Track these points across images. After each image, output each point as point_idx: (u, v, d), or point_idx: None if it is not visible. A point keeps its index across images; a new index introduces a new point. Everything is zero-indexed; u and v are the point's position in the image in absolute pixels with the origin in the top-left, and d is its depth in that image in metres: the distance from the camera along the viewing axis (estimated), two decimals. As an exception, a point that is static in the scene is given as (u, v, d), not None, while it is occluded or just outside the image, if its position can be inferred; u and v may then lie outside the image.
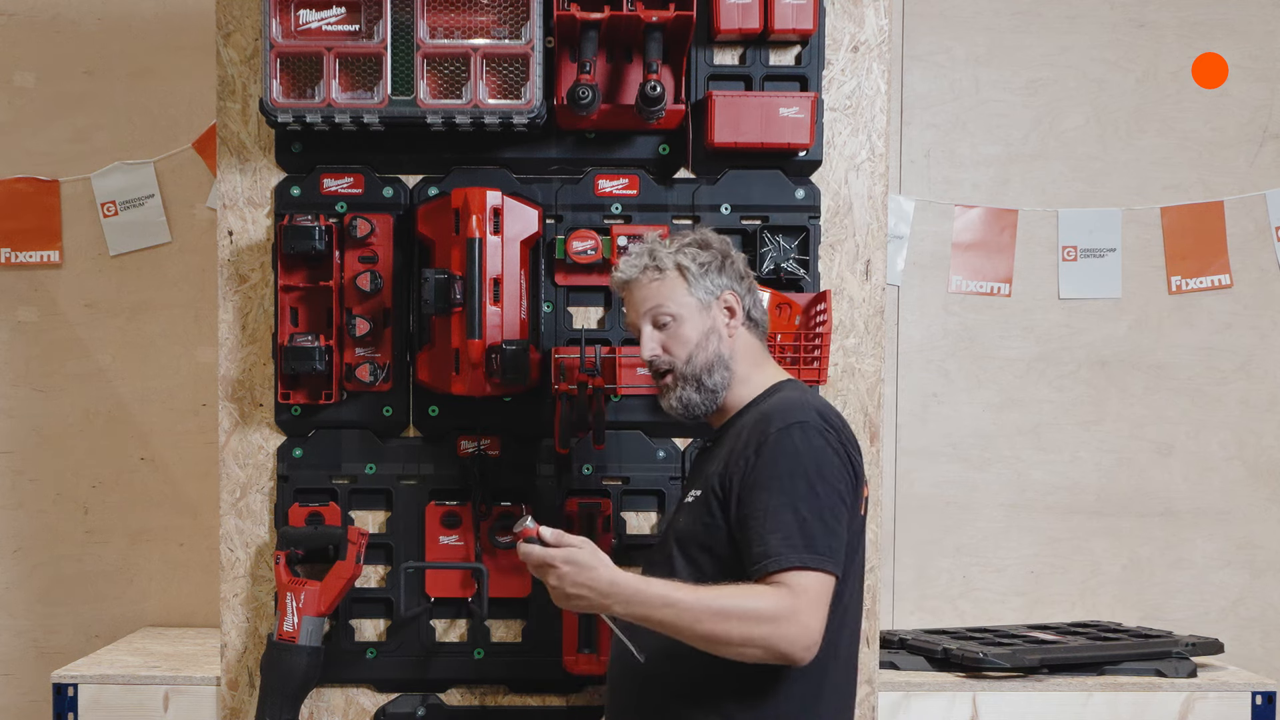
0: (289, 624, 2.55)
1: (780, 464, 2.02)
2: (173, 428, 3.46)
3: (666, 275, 2.19)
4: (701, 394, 2.18)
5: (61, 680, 2.81)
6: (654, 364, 2.20)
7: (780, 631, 1.93)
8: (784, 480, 2.01)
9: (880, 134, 2.67)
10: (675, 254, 2.20)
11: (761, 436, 2.06)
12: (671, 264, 2.19)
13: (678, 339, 2.18)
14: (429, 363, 2.59)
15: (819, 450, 2.04)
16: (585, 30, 2.49)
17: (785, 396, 2.15)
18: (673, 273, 2.19)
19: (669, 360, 2.19)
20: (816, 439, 2.04)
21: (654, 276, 2.20)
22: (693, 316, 2.18)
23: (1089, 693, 2.89)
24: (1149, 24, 3.51)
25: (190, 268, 3.44)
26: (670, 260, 2.20)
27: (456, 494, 2.65)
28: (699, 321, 2.18)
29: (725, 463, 2.10)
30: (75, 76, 3.45)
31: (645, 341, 2.20)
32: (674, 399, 2.19)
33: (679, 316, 2.18)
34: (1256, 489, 3.54)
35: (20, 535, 3.47)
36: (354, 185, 2.64)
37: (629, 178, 2.65)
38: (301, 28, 2.52)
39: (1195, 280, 3.51)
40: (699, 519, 2.11)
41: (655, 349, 2.19)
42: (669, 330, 2.19)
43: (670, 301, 2.19)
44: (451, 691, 2.68)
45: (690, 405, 2.19)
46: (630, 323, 2.26)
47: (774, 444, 2.04)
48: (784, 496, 2.00)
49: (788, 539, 1.97)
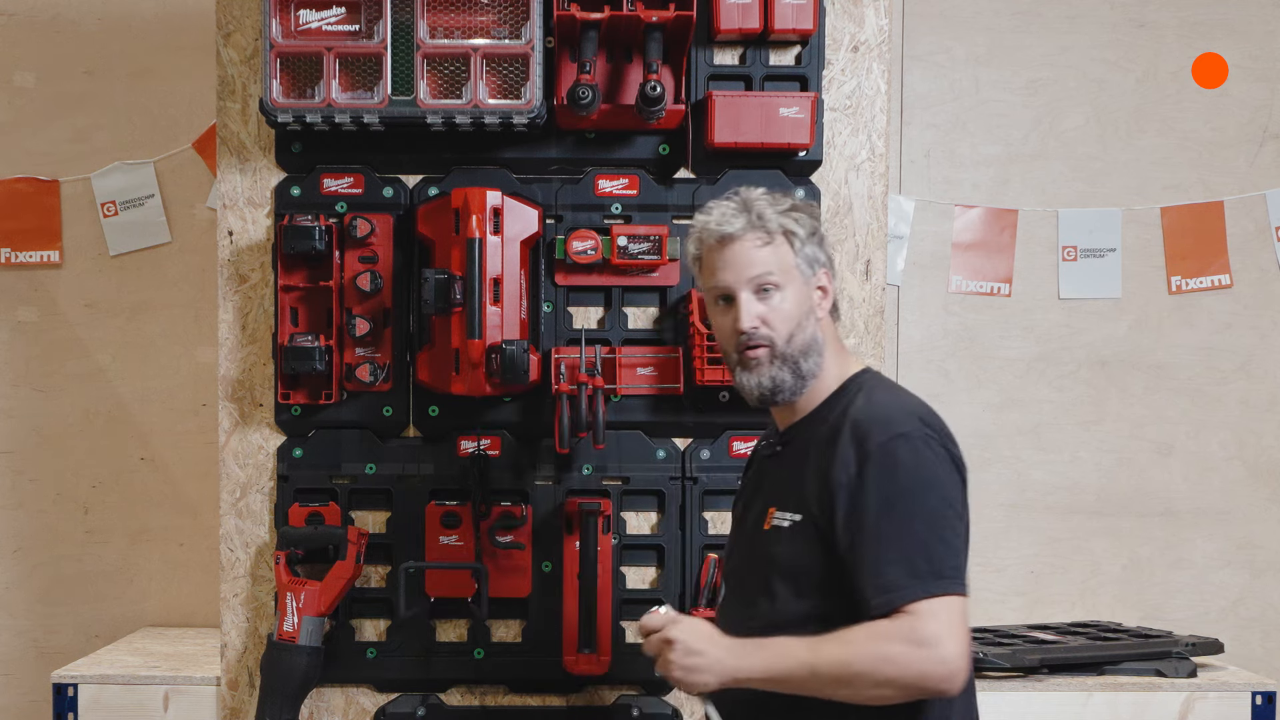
0: (289, 624, 2.55)
1: (890, 484, 1.84)
2: (173, 428, 3.46)
3: (775, 240, 1.96)
4: (795, 379, 1.97)
5: (61, 680, 2.81)
6: (752, 336, 1.95)
7: (915, 669, 1.78)
8: (896, 502, 1.83)
9: (880, 134, 2.67)
10: (782, 216, 1.97)
11: (861, 453, 1.87)
12: (778, 227, 1.96)
13: (779, 313, 1.95)
14: (429, 363, 2.59)
15: (928, 463, 1.86)
16: (585, 30, 2.49)
17: (877, 400, 1.95)
18: (780, 237, 1.97)
19: (769, 334, 1.95)
20: (924, 450, 1.87)
21: (761, 239, 1.96)
22: (796, 289, 1.97)
23: (1089, 693, 2.89)
24: (1149, 24, 3.51)
25: (190, 268, 3.44)
26: (777, 222, 1.96)
27: (456, 494, 2.65)
28: (800, 296, 1.97)
29: (822, 482, 1.90)
30: (75, 76, 3.45)
31: (745, 310, 1.95)
32: (765, 377, 1.96)
33: (784, 287, 1.96)
34: (1256, 489, 3.54)
35: (20, 535, 3.47)
36: (354, 185, 2.64)
37: (629, 178, 2.65)
38: (301, 28, 2.52)
39: (1195, 280, 3.51)
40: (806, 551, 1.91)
41: (755, 320, 1.95)
42: (770, 302, 1.96)
43: (778, 269, 1.95)
44: (451, 691, 2.68)
45: (780, 388, 1.97)
46: (717, 284, 1.99)
47: (879, 462, 1.85)
48: (899, 521, 1.83)
49: (909, 567, 1.81)
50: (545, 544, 2.65)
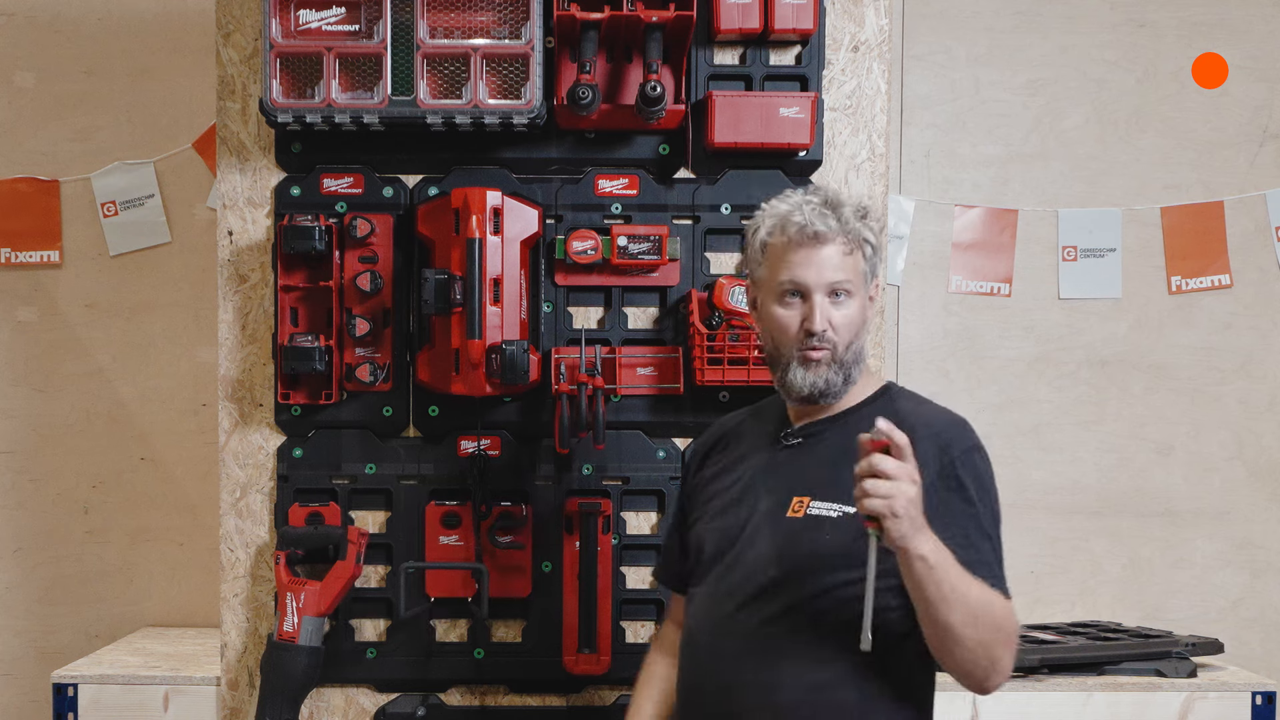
0: (289, 624, 2.55)
1: (974, 491, 1.94)
2: (173, 428, 3.46)
3: (854, 248, 1.98)
4: (844, 384, 2.00)
5: (61, 680, 2.81)
6: (821, 338, 1.96)
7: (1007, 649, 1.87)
8: (979, 508, 1.93)
9: (880, 134, 2.67)
10: (862, 225, 1.98)
11: (946, 458, 1.93)
12: (859, 236, 1.98)
13: (847, 318, 1.97)
14: (429, 363, 2.59)
15: (993, 475, 1.99)
16: (585, 30, 2.49)
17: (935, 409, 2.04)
18: (858, 245, 1.98)
19: (834, 339, 1.97)
20: (989, 463, 1.99)
21: (847, 245, 1.97)
22: (861, 299, 1.99)
23: (1089, 693, 2.89)
24: (1149, 24, 3.51)
25: (190, 268, 3.44)
26: (859, 231, 1.98)
27: (456, 494, 2.65)
28: (862, 304, 2.00)
29: None
30: (75, 76, 3.45)
31: (819, 312, 1.95)
32: (819, 377, 1.97)
33: (855, 295, 1.98)
34: (1256, 489, 3.54)
35: (20, 535, 3.47)
36: (354, 185, 2.64)
37: (629, 178, 2.65)
38: (301, 28, 2.51)
39: (1195, 280, 3.51)
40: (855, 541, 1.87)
41: (826, 324, 1.96)
42: (842, 307, 1.97)
43: (855, 276, 1.97)
44: (451, 691, 2.68)
45: (829, 389, 1.98)
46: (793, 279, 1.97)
47: (964, 468, 1.94)
48: (981, 527, 1.93)
49: (990, 570, 1.89)
50: (545, 544, 2.65)
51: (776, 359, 2.02)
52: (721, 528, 2.06)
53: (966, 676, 1.88)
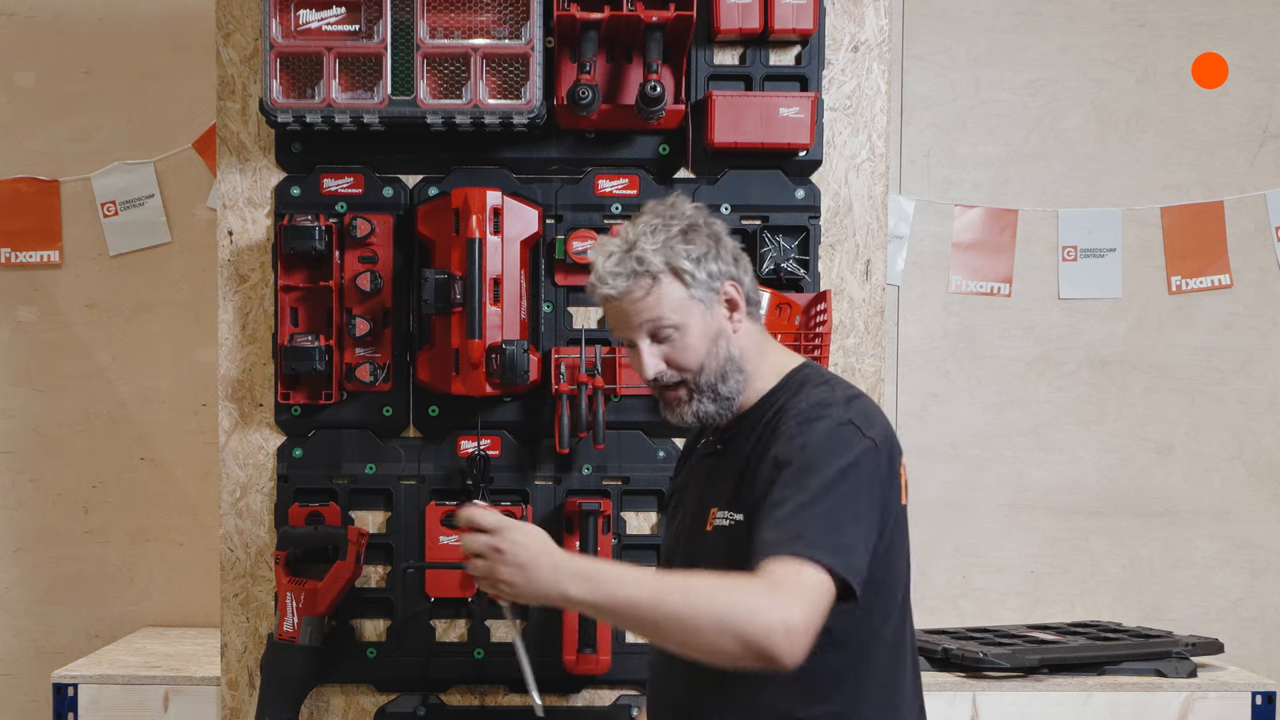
0: (289, 624, 2.55)
1: (801, 455, 1.79)
2: (173, 428, 3.46)
3: (660, 280, 1.89)
4: (718, 404, 1.93)
5: (61, 680, 2.82)
6: (660, 381, 1.93)
7: (756, 623, 1.65)
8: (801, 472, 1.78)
9: (880, 134, 2.67)
10: (664, 252, 1.89)
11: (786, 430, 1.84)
12: (664, 266, 1.89)
13: (684, 350, 1.90)
14: (429, 363, 2.59)
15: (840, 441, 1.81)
16: (585, 30, 2.48)
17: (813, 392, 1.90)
18: (667, 276, 1.89)
19: (677, 375, 1.92)
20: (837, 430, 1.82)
21: (646, 286, 1.89)
22: (696, 322, 1.90)
23: (1089, 693, 2.89)
24: (1149, 24, 3.51)
25: (190, 268, 3.45)
26: (661, 261, 1.88)
27: (456, 494, 2.64)
28: (704, 325, 1.91)
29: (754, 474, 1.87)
30: (75, 76, 3.45)
31: (646, 360, 1.91)
32: (688, 413, 1.94)
33: (682, 326, 1.90)
34: (1256, 489, 3.54)
35: (20, 535, 3.47)
36: (354, 185, 2.64)
37: (629, 178, 2.65)
38: (301, 28, 2.51)
39: (1195, 280, 3.51)
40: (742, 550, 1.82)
41: (659, 366, 1.92)
42: (673, 342, 1.91)
43: (670, 311, 1.89)
44: (451, 691, 2.68)
45: (707, 418, 1.94)
46: (619, 336, 1.97)
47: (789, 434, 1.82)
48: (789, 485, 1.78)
49: (781, 528, 1.74)
50: (492, 530, 2.64)
51: None
52: (668, 543, 2.10)
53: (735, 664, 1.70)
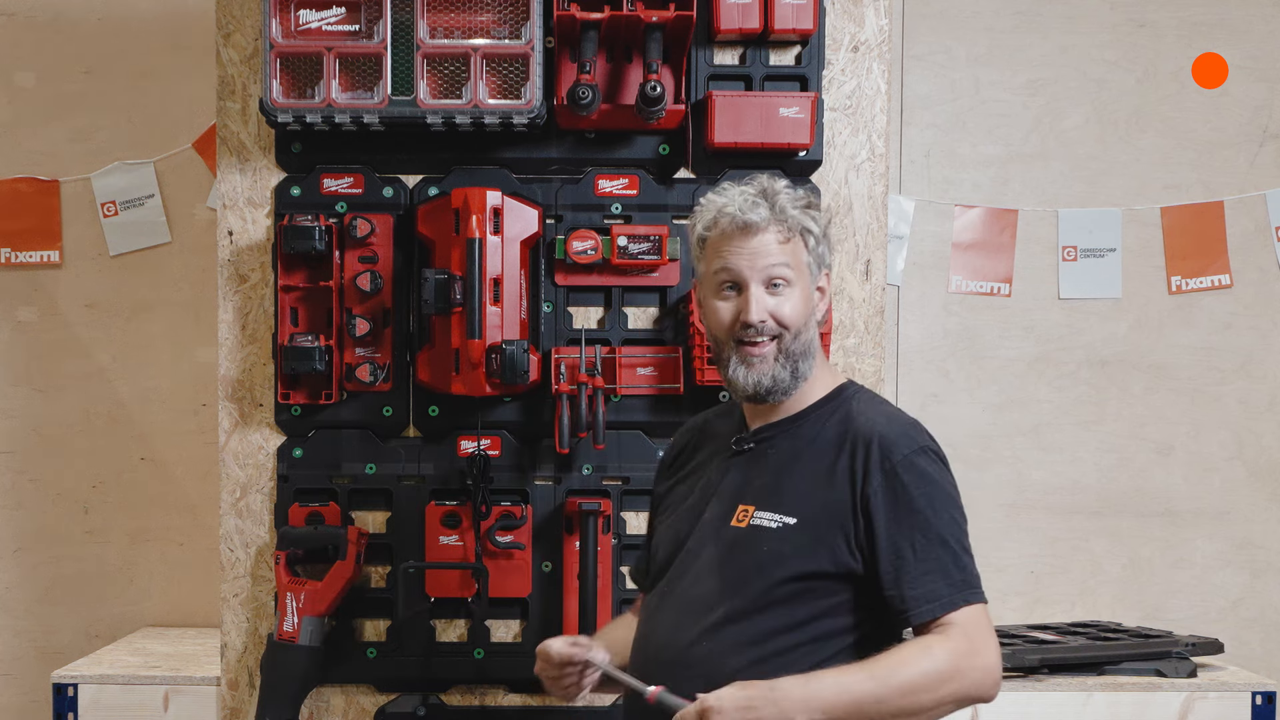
0: (289, 624, 2.55)
1: (923, 498, 1.85)
2: (173, 428, 3.46)
3: (793, 236, 1.91)
4: (793, 379, 1.92)
5: (61, 680, 2.82)
6: (760, 330, 1.90)
7: (969, 680, 1.78)
8: (927, 514, 1.85)
9: (880, 134, 2.67)
10: (801, 213, 1.92)
11: (888, 465, 1.86)
12: (798, 223, 1.92)
13: (788, 310, 1.90)
14: (429, 363, 2.59)
15: (948, 479, 1.90)
16: (585, 30, 2.49)
17: (886, 413, 1.95)
18: (797, 234, 1.92)
19: (776, 329, 1.90)
20: (942, 467, 1.90)
21: (783, 234, 1.90)
22: (804, 288, 1.92)
23: (1089, 693, 2.89)
24: (1149, 24, 3.51)
25: (190, 268, 3.45)
26: (797, 219, 1.92)
27: (456, 494, 2.65)
28: (806, 295, 1.93)
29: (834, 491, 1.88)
30: (75, 76, 3.45)
31: (756, 302, 1.89)
32: (763, 375, 1.91)
33: (794, 284, 1.91)
34: (1256, 489, 3.54)
35: (20, 535, 3.47)
36: (354, 185, 2.64)
37: (629, 178, 2.65)
38: (301, 28, 2.51)
39: (1195, 280, 3.51)
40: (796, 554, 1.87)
41: (765, 314, 1.90)
42: (780, 296, 1.91)
43: (794, 265, 1.91)
44: (451, 691, 2.68)
45: (778, 387, 1.92)
46: (727, 269, 1.92)
47: (908, 475, 1.86)
48: (931, 532, 1.84)
49: (946, 577, 1.83)
50: (545, 544, 2.65)
51: (719, 356, 1.97)
52: (674, 534, 2.04)
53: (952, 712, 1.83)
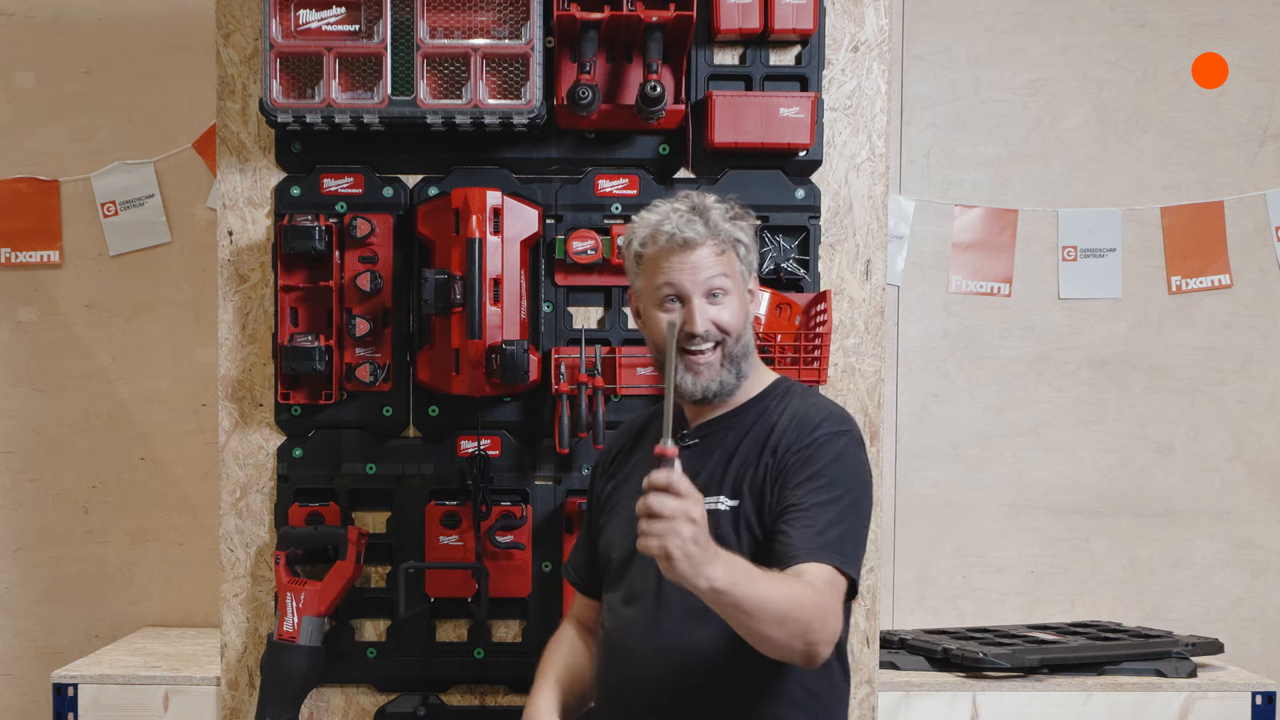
0: (289, 624, 2.55)
1: (832, 468, 1.95)
2: (173, 428, 3.46)
3: (726, 247, 2.03)
4: (737, 380, 2.04)
5: (61, 680, 2.81)
6: (707, 336, 2.01)
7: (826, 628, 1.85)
8: (831, 484, 1.94)
9: (880, 134, 2.67)
10: (732, 225, 2.03)
11: (806, 439, 1.97)
12: (730, 237, 2.03)
13: (730, 312, 2.02)
14: (429, 363, 2.59)
15: (864, 465, 2.00)
16: (585, 30, 2.49)
17: (818, 401, 2.07)
18: (729, 245, 2.03)
19: (719, 334, 2.02)
20: (860, 452, 2.01)
21: (720, 246, 2.01)
22: (739, 295, 2.04)
23: (1089, 693, 2.89)
24: (1149, 24, 3.51)
25: (190, 268, 3.44)
26: (729, 232, 2.03)
27: (456, 494, 2.65)
28: (742, 301, 2.05)
29: (762, 464, 1.99)
30: (75, 76, 3.45)
31: (699, 313, 1.99)
32: (714, 380, 2.03)
33: (732, 293, 2.02)
34: (1256, 489, 3.54)
35: (20, 535, 3.47)
36: (354, 185, 2.64)
37: (629, 178, 2.65)
38: (301, 28, 2.52)
39: (1195, 280, 3.51)
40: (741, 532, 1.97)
41: (708, 323, 2.00)
42: (720, 305, 2.02)
43: (731, 275, 2.02)
44: (451, 691, 2.68)
45: (724, 389, 2.04)
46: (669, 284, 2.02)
47: (824, 446, 1.96)
48: (827, 496, 1.93)
49: (821, 535, 1.90)
50: (545, 544, 2.65)
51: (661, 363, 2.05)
52: (626, 534, 2.06)
53: (786, 659, 1.88)
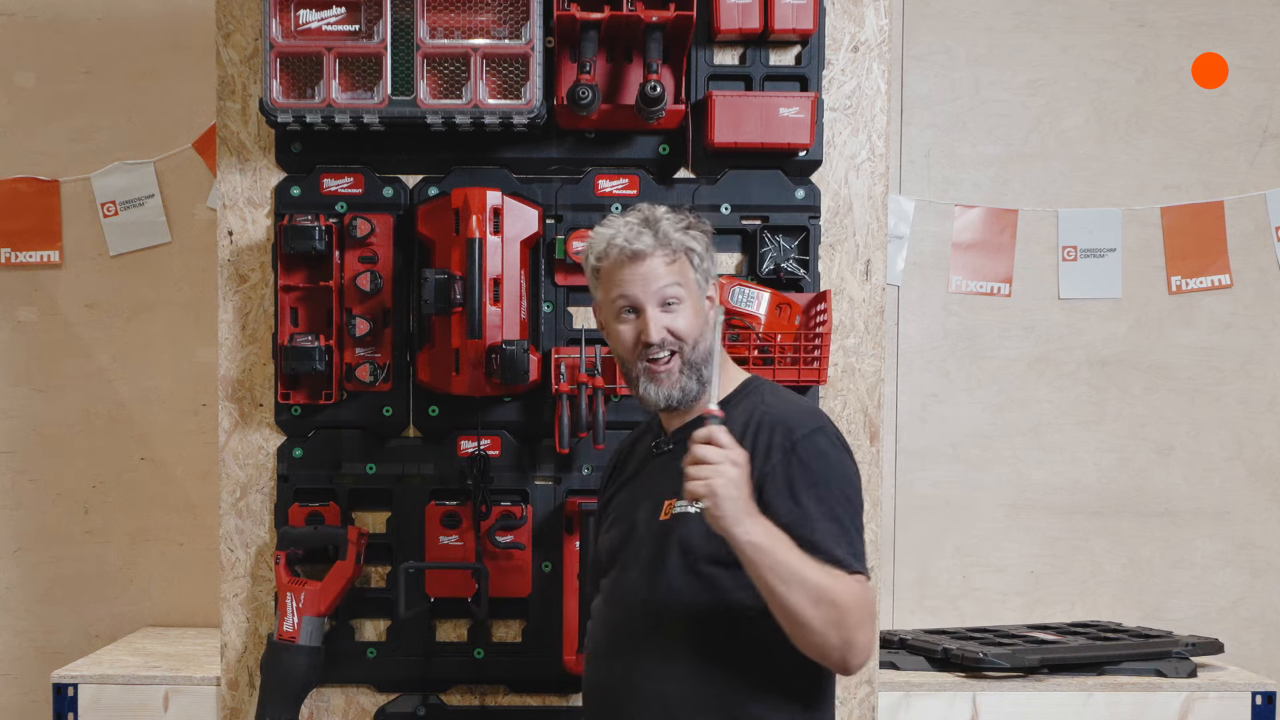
0: (289, 624, 2.55)
1: (817, 471, 1.97)
2: (173, 428, 3.46)
3: (678, 257, 2.05)
4: (698, 385, 2.06)
5: (61, 680, 2.81)
6: (662, 345, 2.04)
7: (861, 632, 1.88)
8: (822, 488, 1.96)
9: (880, 134, 2.67)
10: (684, 235, 2.07)
11: (787, 443, 1.98)
12: (681, 245, 2.06)
13: (684, 320, 2.04)
14: (429, 363, 2.59)
15: (844, 458, 2.02)
16: (585, 30, 2.49)
17: (786, 400, 2.08)
18: (682, 254, 2.06)
19: (676, 344, 2.04)
20: (841, 448, 2.02)
21: (670, 255, 2.05)
22: (695, 302, 2.06)
23: (1089, 693, 2.89)
24: (1149, 24, 3.51)
25: (190, 268, 3.44)
26: (680, 241, 2.06)
27: (456, 494, 2.65)
28: (698, 308, 2.07)
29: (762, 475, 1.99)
30: (75, 76, 3.45)
31: (654, 322, 2.03)
32: (675, 388, 2.05)
33: (686, 301, 2.05)
34: (1256, 489, 3.54)
35: (20, 535, 3.47)
36: (354, 185, 2.64)
37: (629, 178, 2.65)
38: (301, 28, 2.52)
39: (1195, 280, 3.51)
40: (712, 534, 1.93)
41: (663, 332, 2.03)
42: (675, 313, 2.04)
43: (683, 284, 2.05)
44: (451, 691, 2.68)
45: (686, 396, 2.06)
46: (624, 296, 2.05)
47: (805, 449, 1.97)
48: (825, 504, 1.95)
49: (839, 545, 1.92)
50: (545, 544, 2.65)
51: (629, 375, 2.11)
52: (611, 540, 2.16)
53: (824, 658, 1.92)
